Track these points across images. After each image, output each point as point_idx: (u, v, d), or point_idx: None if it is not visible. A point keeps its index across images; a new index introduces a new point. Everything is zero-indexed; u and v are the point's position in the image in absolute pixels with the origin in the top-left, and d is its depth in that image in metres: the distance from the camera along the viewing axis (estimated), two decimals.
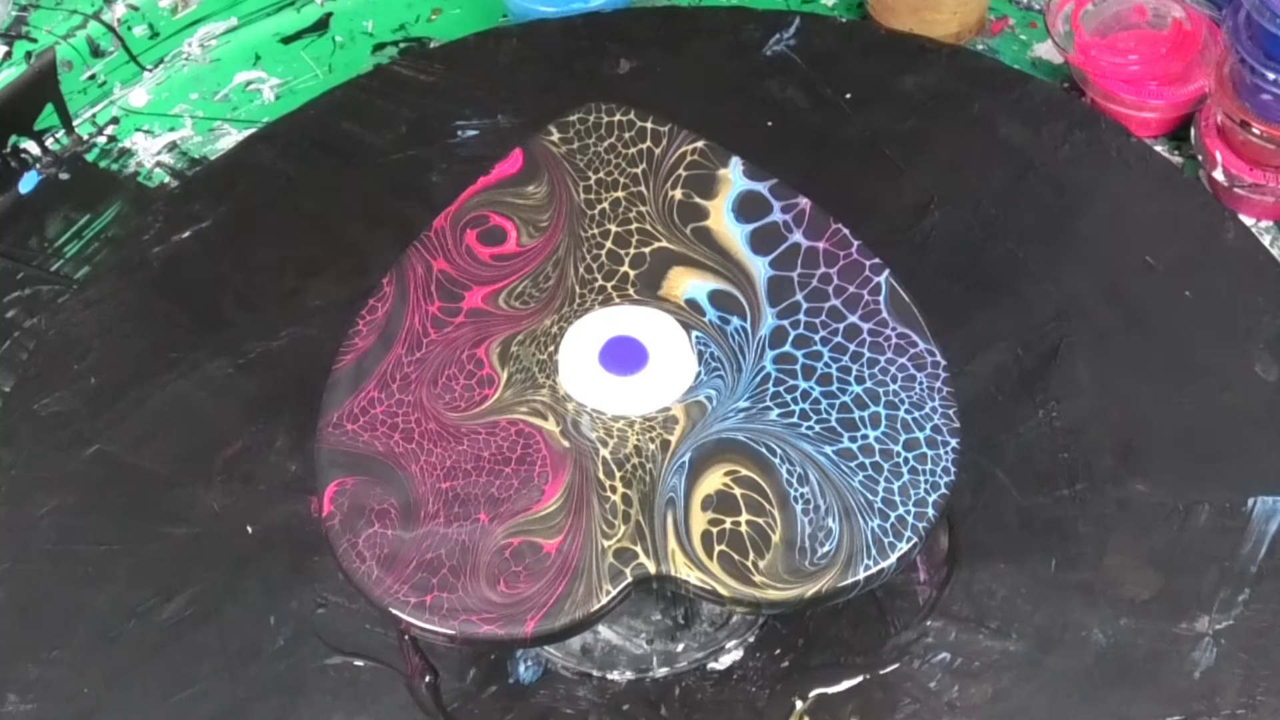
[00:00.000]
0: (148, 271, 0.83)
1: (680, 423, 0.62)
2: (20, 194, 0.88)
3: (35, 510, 0.74)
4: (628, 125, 0.70)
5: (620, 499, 0.60)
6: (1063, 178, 0.82)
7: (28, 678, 0.69)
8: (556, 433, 0.62)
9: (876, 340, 0.64)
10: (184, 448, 0.76)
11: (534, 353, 0.65)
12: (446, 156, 0.85)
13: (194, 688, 0.68)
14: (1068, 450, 0.73)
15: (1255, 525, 0.70)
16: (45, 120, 0.91)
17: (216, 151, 0.90)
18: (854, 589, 0.59)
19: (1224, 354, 0.75)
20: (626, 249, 0.67)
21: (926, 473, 0.60)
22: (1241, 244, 0.79)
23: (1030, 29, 0.94)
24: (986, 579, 0.70)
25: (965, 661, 0.67)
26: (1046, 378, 0.75)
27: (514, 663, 0.69)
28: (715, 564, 0.59)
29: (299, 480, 0.74)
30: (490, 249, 0.68)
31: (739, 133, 0.76)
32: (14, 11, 0.95)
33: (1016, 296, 0.78)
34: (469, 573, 0.59)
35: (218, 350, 0.79)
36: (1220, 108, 0.82)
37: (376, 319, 0.66)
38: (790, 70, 0.88)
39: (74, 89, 0.92)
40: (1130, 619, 0.68)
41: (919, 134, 0.85)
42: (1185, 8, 0.86)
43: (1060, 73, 0.91)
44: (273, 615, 0.70)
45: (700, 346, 0.64)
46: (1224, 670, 0.66)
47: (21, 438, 0.77)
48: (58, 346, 0.80)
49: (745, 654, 0.69)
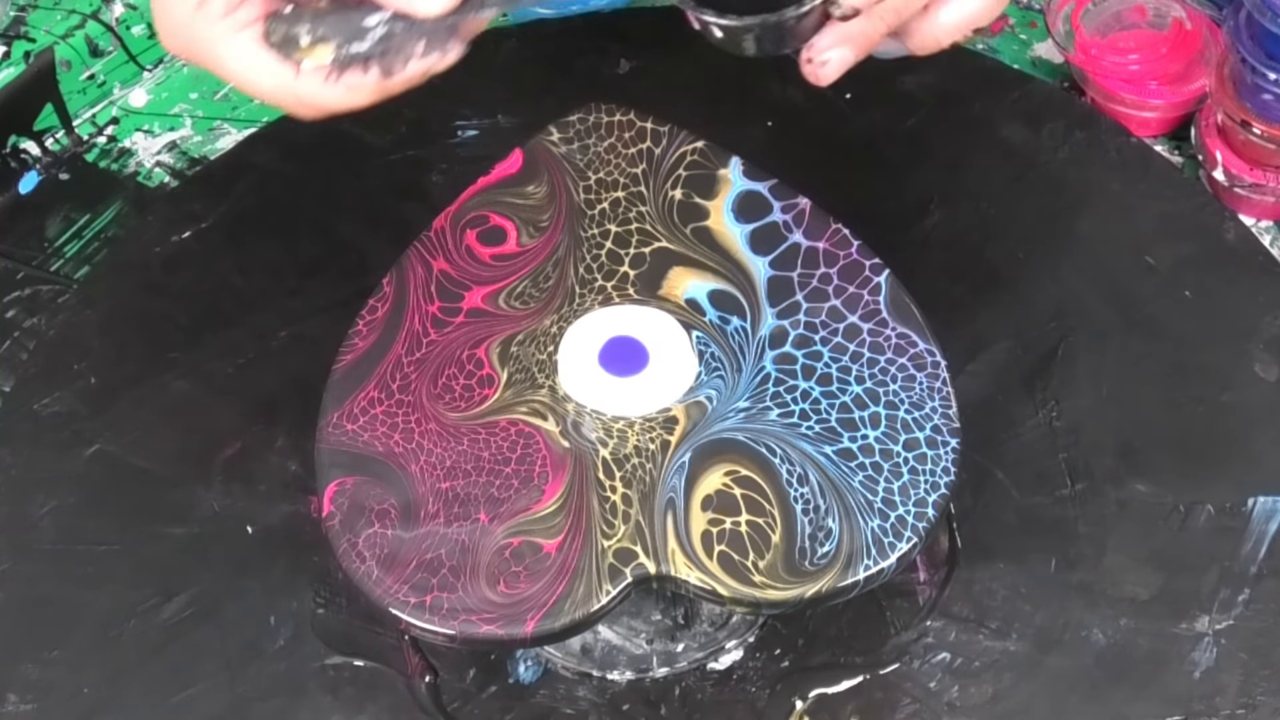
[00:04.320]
0: (148, 271, 0.83)
1: (680, 423, 0.62)
2: (20, 194, 0.88)
3: (35, 510, 0.74)
4: (628, 125, 0.70)
5: (620, 499, 0.60)
6: (1063, 178, 0.82)
7: (28, 678, 0.69)
8: (556, 433, 0.62)
9: (876, 340, 0.64)
10: (184, 448, 0.75)
11: (534, 353, 0.65)
12: (446, 156, 0.85)
13: (194, 688, 0.68)
14: (1068, 450, 0.73)
15: (1255, 525, 0.70)
16: (45, 120, 0.91)
17: (216, 151, 0.90)
18: (854, 589, 0.59)
19: (1224, 354, 0.75)
20: (626, 249, 0.67)
21: (926, 473, 0.60)
22: (1241, 244, 0.79)
23: (1030, 29, 0.93)
24: (986, 579, 0.70)
25: (965, 661, 0.67)
26: (1046, 378, 0.75)
27: (514, 663, 0.69)
28: (715, 564, 0.59)
29: (299, 480, 0.74)
30: (490, 249, 0.68)
31: (739, 133, 0.76)
32: (12, 11, 0.95)
33: (1016, 296, 0.78)
34: (469, 573, 0.59)
35: (218, 350, 0.79)
36: (1220, 107, 0.82)
37: (376, 319, 0.66)
38: (790, 70, 0.87)
39: (73, 89, 0.92)
40: (1130, 619, 0.68)
41: (919, 134, 0.84)
42: (1185, 7, 0.86)
43: (1060, 73, 0.91)
44: (273, 615, 0.70)
45: (701, 346, 0.64)
46: (1224, 670, 0.66)
47: (21, 438, 0.77)
48: (58, 346, 0.80)
49: (745, 654, 0.69)
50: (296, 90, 0.58)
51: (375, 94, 0.58)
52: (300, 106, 0.58)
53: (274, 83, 0.58)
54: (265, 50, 0.57)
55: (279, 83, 0.58)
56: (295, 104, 0.58)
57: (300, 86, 0.57)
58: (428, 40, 0.57)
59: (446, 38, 0.57)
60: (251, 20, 0.57)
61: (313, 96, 0.58)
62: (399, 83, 0.58)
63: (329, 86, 0.57)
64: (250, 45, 0.57)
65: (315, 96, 0.58)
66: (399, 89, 0.58)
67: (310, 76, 0.57)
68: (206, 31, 0.57)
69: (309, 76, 0.57)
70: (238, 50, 0.57)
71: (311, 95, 0.58)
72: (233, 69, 0.58)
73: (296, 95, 0.58)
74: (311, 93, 0.58)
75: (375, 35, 0.56)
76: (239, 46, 0.57)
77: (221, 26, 0.57)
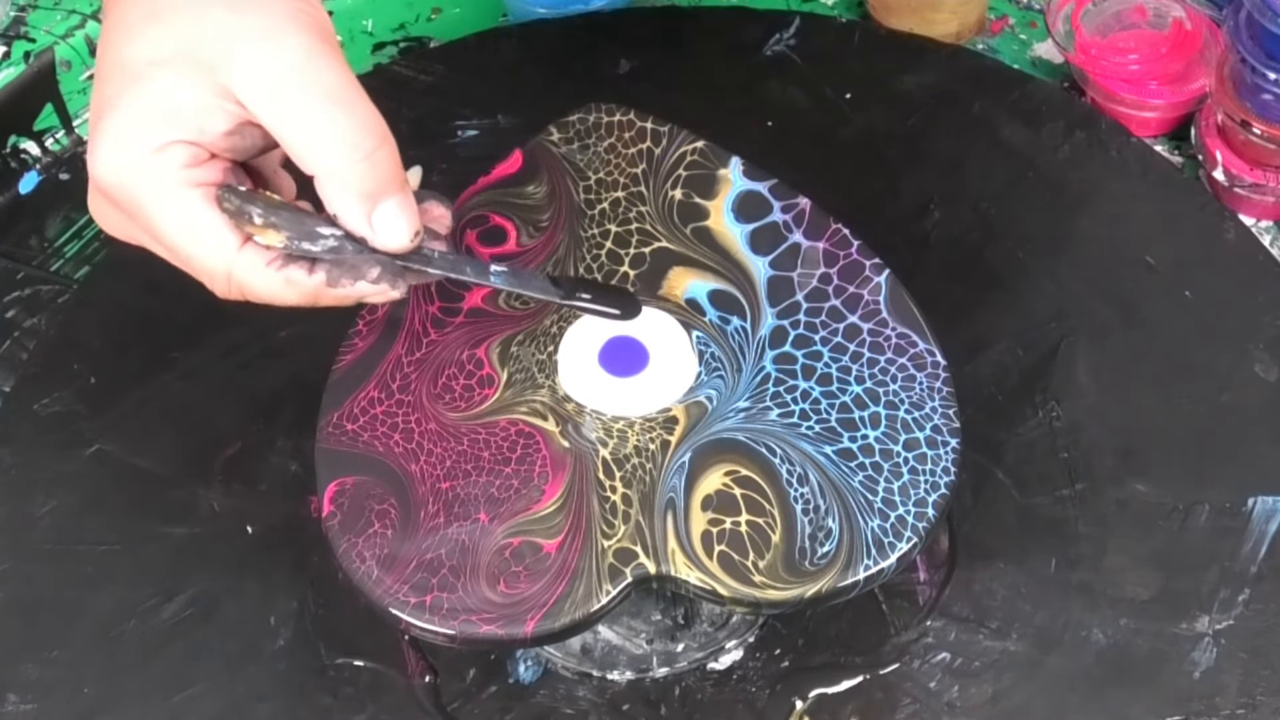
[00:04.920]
0: (148, 271, 0.82)
1: (680, 423, 0.62)
2: (20, 194, 0.88)
3: (35, 510, 0.74)
4: (628, 125, 0.70)
5: (620, 499, 0.60)
6: (1063, 178, 0.82)
7: (28, 678, 0.69)
8: (556, 433, 0.62)
9: (876, 340, 0.64)
10: (184, 448, 0.75)
11: (534, 353, 0.65)
12: (446, 156, 0.84)
13: (194, 688, 0.68)
14: (1068, 450, 0.73)
15: (1255, 525, 0.70)
16: (45, 120, 0.91)
17: None
18: (854, 589, 0.59)
19: (1224, 354, 0.75)
20: (626, 249, 0.67)
21: (926, 473, 0.60)
22: (1241, 244, 0.79)
23: (1030, 29, 0.94)
24: (986, 579, 0.70)
25: (965, 661, 0.67)
26: (1046, 378, 0.75)
27: (514, 663, 0.69)
28: (715, 564, 0.59)
29: (299, 480, 0.74)
30: (490, 249, 0.68)
31: (739, 133, 0.76)
32: (12, 11, 0.95)
33: (1016, 296, 0.78)
34: (469, 573, 0.59)
35: (218, 350, 0.79)
36: (1221, 107, 0.82)
37: (376, 319, 0.66)
38: (790, 70, 0.88)
39: (73, 89, 0.92)
40: (1130, 619, 0.68)
41: (919, 134, 0.84)
42: (1186, 7, 0.86)
43: (1060, 73, 0.91)
44: (273, 615, 0.70)
45: (701, 346, 0.64)
46: (1224, 670, 0.66)
47: (21, 438, 0.77)
48: (58, 346, 0.80)
49: (745, 654, 0.69)
50: (233, 264, 0.54)
51: (309, 298, 0.55)
52: (226, 282, 0.55)
53: (214, 247, 0.54)
54: (216, 211, 0.53)
55: (219, 249, 0.54)
56: (224, 278, 0.55)
57: (238, 262, 0.54)
58: (382, 269, 0.55)
59: (397, 273, 0.56)
60: (208, 181, 0.53)
61: (246, 276, 0.54)
62: (337, 296, 0.55)
63: (268, 272, 0.54)
64: (201, 203, 0.53)
65: (249, 276, 0.54)
66: (330, 302, 0.56)
67: (252, 254, 0.54)
68: (156, 179, 0.53)
69: (251, 253, 0.54)
70: (186, 206, 0.53)
71: (246, 274, 0.54)
72: (171, 225, 0.53)
73: (229, 268, 0.54)
74: (247, 271, 0.54)
75: (327, 244, 0.54)
76: (188, 202, 0.53)
77: (177, 177, 0.53)
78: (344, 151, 0.53)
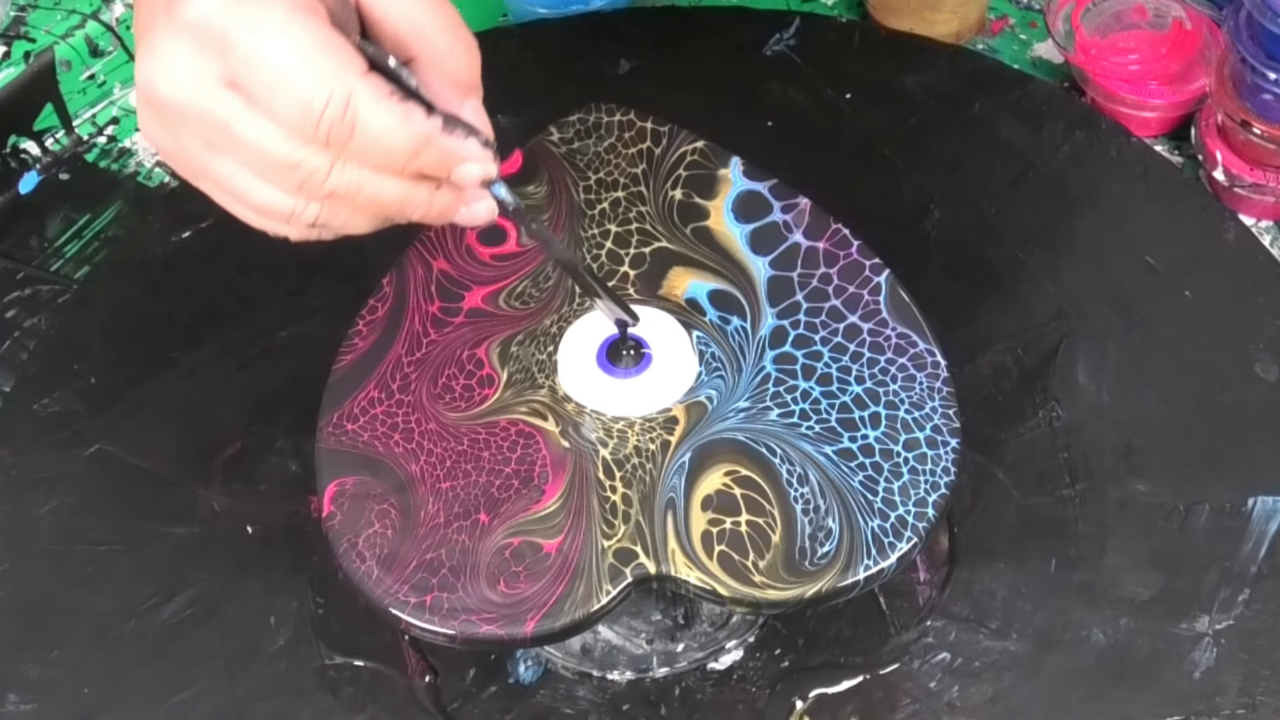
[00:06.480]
0: (148, 271, 0.83)
1: (680, 423, 0.62)
2: (20, 194, 0.88)
3: (35, 510, 0.74)
4: (628, 125, 0.70)
5: (620, 499, 0.60)
6: (1063, 178, 0.82)
7: (28, 678, 0.69)
8: (556, 433, 0.62)
9: (876, 340, 0.64)
10: (184, 448, 0.75)
11: (534, 353, 0.65)
12: None
13: (194, 688, 0.68)
14: (1068, 450, 0.73)
15: (1255, 525, 0.70)
16: (45, 120, 0.91)
17: None
18: (854, 589, 0.59)
19: (1224, 354, 0.75)
20: (626, 249, 0.67)
21: (926, 473, 0.60)
22: (1241, 244, 0.79)
23: (1030, 29, 0.93)
24: (986, 579, 0.70)
25: (965, 661, 0.67)
26: (1046, 378, 0.75)
27: (514, 663, 0.69)
28: (715, 564, 0.59)
29: (299, 480, 0.74)
30: (490, 249, 0.68)
31: (739, 133, 0.76)
32: (12, 11, 0.95)
33: (1016, 296, 0.78)
34: (469, 573, 0.59)
35: (218, 350, 0.79)
36: (1221, 107, 0.82)
37: (376, 319, 0.66)
38: (790, 70, 0.88)
39: (73, 89, 0.92)
40: (1130, 619, 0.68)
41: (919, 134, 0.85)
42: (1185, 7, 0.86)
43: (1060, 73, 0.91)
44: (273, 615, 0.70)
45: (701, 346, 0.64)
46: (1224, 670, 0.66)
47: (21, 438, 0.77)
48: (58, 346, 0.80)
49: (745, 654, 0.69)
50: (355, 85, 0.48)
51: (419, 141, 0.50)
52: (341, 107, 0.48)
53: (337, 65, 0.48)
54: (340, 35, 0.48)
55: (343, 68, 0.48)
56: (341, 101, 0.48)
57: (361, 85, 0.48)
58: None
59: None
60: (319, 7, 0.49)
61: (367, 101, 0.49)
62: (444, 150, 0.51)
63: (389, 101, 0.49)
64: (323, 25, 0.48)
65: (369, 104, 0.49)
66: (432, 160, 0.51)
67: (377, 80, 0.49)
68: (265, 9, 0.48)
69: (376, 80, 0.49)
70: (306, 25, 0.48)
71: (366, 100, 0.49)
72: (283, 46, 0.48)
73: (351, 90, 0.48)
74: (368, 97, 0.49)
75: None
76: (309, 23, 0.48)
77: (293, 3, 0.48)
78: (451, 39, 0.53)
